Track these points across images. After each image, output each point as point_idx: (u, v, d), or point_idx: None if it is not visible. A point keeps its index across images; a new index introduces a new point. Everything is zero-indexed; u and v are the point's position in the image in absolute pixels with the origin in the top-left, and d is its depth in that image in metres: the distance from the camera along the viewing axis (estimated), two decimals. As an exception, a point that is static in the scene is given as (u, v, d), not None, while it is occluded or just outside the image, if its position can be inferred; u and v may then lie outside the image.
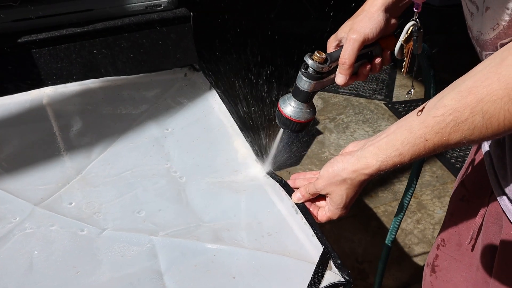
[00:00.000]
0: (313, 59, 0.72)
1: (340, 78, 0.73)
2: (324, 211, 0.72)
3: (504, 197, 0.71)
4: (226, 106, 1.05)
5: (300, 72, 0.74)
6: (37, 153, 0.93)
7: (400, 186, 2.03)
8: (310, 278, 0.58)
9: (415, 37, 0.70)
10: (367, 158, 0.62)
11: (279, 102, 0.78)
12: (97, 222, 0.76)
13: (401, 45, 0.72)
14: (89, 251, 0.70)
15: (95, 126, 1.02)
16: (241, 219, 0.74)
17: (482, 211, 0.81)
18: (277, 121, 0.79)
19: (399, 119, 0.61)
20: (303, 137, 2.36)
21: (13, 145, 0.95)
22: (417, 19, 0.69)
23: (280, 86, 2.29)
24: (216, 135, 0.98)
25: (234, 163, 0.89)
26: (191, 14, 1.56)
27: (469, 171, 0.89)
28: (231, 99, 1.09)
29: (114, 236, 0.73)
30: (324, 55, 0.72)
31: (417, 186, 1.06)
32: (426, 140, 0.56)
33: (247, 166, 0.88)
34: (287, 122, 0.77)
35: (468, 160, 0.90)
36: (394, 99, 2.75)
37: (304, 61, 0.73)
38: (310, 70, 0.73)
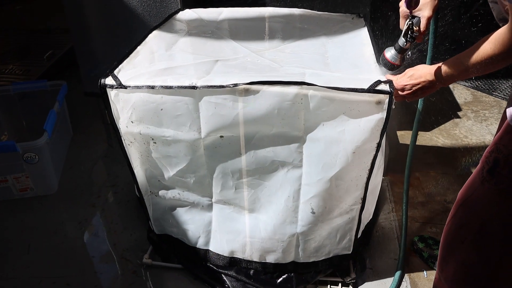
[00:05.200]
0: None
1: None
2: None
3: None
4: (370, 38, 1.66)
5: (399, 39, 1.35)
6: (256, 34, 1.70)
7: None
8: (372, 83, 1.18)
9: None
10: (430, 73, 1.17)
11: (384, 50, 1.39)
12: (279, 62, 1.46)
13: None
14: (274, 69, 1.41)
15: (289, 31, 1.74)
16: (351, 69, 1.37)
17: None
18: (380, 60, 1.39)
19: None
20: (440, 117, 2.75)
21: (245, 26, 1.75)
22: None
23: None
24: (357, 47, 1.60)
25: (363, 59, 1.51)
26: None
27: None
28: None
29: (288, 67, 1.42)
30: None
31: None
32: (460, 62, 1.04)
33: (368, 63, 1.48)
34: (385, 61, 1.37)
35: None
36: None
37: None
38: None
